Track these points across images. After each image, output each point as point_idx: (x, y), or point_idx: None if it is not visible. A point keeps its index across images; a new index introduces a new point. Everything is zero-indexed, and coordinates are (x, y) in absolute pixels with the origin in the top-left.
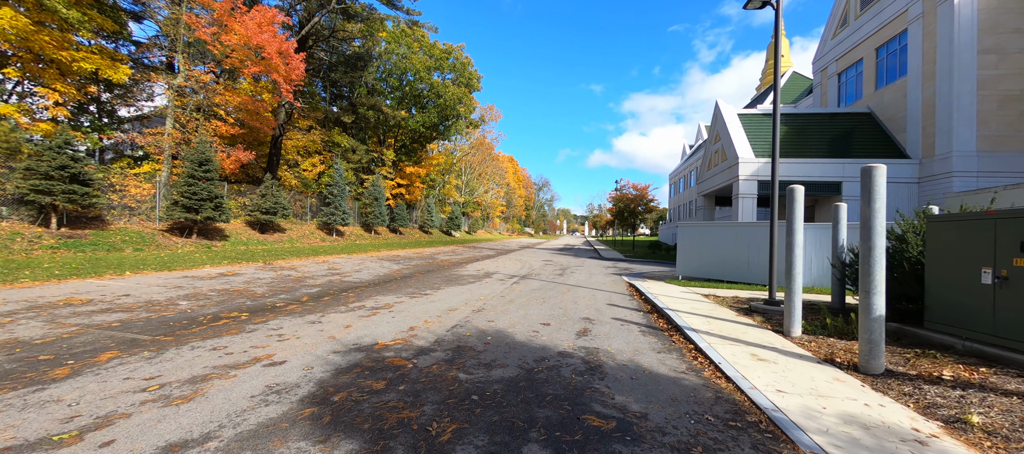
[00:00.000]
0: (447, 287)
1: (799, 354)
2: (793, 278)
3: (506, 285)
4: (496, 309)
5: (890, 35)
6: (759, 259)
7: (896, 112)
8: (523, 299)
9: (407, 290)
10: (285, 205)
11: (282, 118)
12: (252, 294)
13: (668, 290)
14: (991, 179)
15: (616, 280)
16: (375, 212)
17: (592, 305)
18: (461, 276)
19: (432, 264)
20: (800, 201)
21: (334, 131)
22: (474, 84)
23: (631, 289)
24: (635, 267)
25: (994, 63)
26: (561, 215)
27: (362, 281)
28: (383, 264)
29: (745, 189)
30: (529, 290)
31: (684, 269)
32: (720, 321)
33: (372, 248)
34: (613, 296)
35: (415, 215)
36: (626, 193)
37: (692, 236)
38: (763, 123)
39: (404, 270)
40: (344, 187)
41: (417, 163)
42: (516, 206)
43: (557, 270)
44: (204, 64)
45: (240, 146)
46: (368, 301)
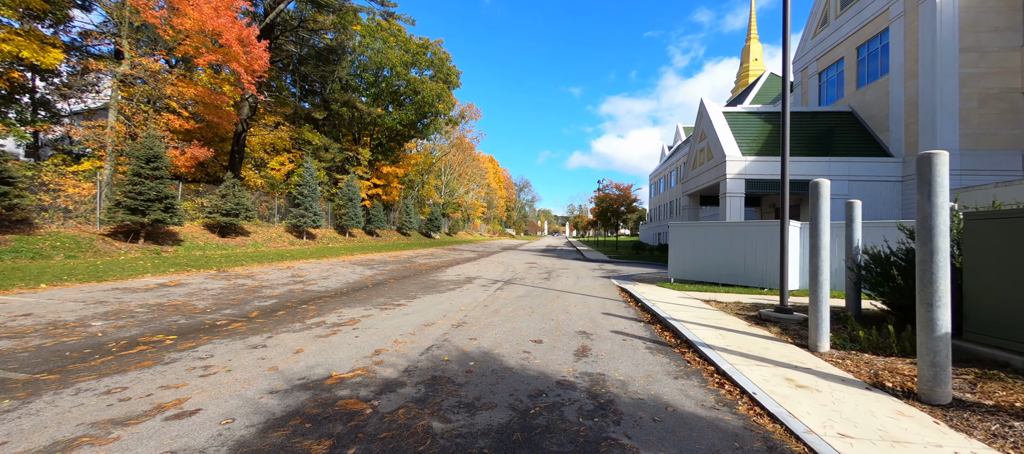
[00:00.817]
0: (424, 295)
1: (839, 377)
2: (819, 285)
3: (489, 292)
4: (479, 322)
5: (871, 34)
6: (755, 261)
7: (878, 111)
8: (509, 309)
9: (378, 300)
10: (249, 206)
11: (246, 113)
12: (190, 309)
13: (664, 295)
14: (974, 177)
15: (606, 284)
16: (349, 213)
17: (586, 315)
18: (440, 282)
19: (409, 268)
20: (826, 198)
21: (304, 128)
22: (453, 80)
23: (624, 294)
24: (622, 269)
25: (975, 61)
26: (542, 216)
27: (328, 290)
28: (355, 269)
29: (732, 188)
30: (514, 297)
31: (676, 271)
32: (733, 333)
33: (345, 252)
34: (606, 303)
35: (393, 216)
36: (608, 193)
37: (684, 237)
38: (749, 121)
39: (378, 276)
40: (315, 187)
41: (394, 162)
42: (497, 207)
43: (542, 273)
44: (155, 51)
45: (197, 142)
46: (330, 315)
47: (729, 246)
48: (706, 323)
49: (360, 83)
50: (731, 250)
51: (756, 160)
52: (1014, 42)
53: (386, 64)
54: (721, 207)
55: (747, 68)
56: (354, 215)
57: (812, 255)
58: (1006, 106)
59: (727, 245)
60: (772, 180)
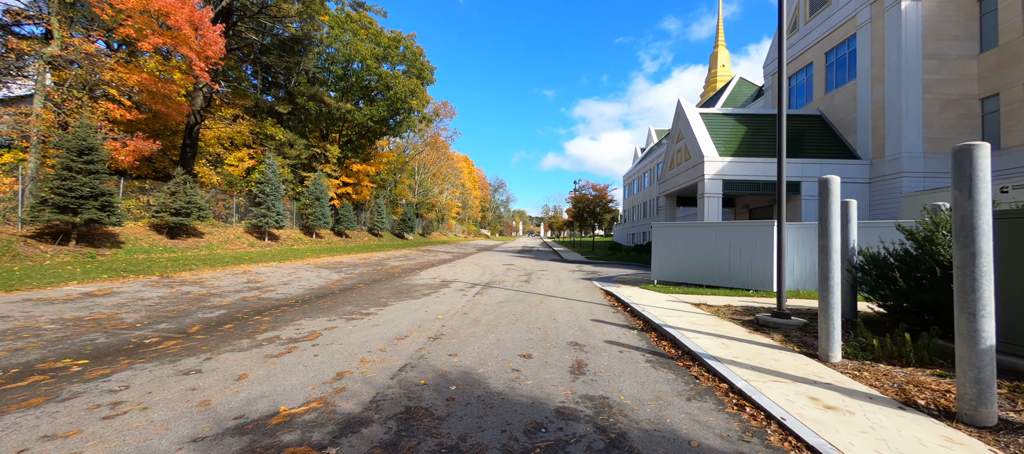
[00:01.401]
0: (397, 302)
1: (865, 394)
2: (830, 290)
3: (468, 297)
4: (459, 333)
5: (839, 40)
6: (741, 262)
7: (846, 114)
8: (491, 316)
9: (345, 309)
10: (202, 205)
11: (199, 104)
12: (116, 325)
13: (651, 298)
14: (936, 179)
15: (589, 287)
16: (317, 213)
17: (574, 322)
18: (414, 287)
19: (380, 271)
20: (836, 195)
21: (267, 122)
22: (427, 76)
23: (610, 298)
24: (602, 270)
25: (936, 68)
26: (517, 216)
27: (287, 298)
28: (320, 273)
29: (710, 188)
30: (495, 303)
31: (659, 272)
32: (736, 342)
33: (311, 253)
34: (593, 308)
35: (364, 217)
36: (585, 194)
37: (668, 237)
38: (724, 123)
39: (345, 280)
40: (279, 185)
41: (365, 160)
42: (472, 207)
43: (521, 275)
44: (91, 32)
45: (141, 134)
46: (287, 328)
47: (714, 247)
48: (703, 330)
49: (328, 77)
50: (716, 251)
51: (733, 161)
52: (971, 50)
53: (356, 57)
54: (699, 207)
55: (715, 73)
56: (322, 215)
57: (821, 257)
58: (965, 111)
59: (712, 246)
60: (750, 181)
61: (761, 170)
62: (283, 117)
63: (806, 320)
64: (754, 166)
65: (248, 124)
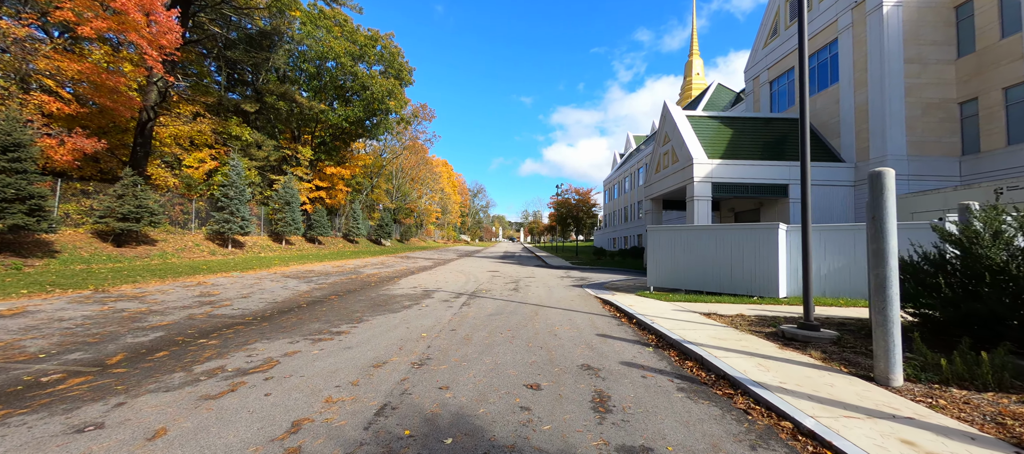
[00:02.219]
0: (373, 317)
1: (965, 434)
2: (887, 301)
3: (453, 309)
4: (449, 356)
5: (821, 44)
6: (743, 267)
7: (829, 118)
8: (483, 333)
9: (311, 326)
10: (155, 210)
11: (154, 99)
12: (11, 356)
13: (654, 307)
14: (920, 182)
15: (582, 295)
16: (287, 219)
17: (578, 338)
18: (393, 298)
19: (355, 281)
20: (891, 190)
21: (232, 121)
22: (405, 77)
23: (609, 308)
24: (590, 276)
25: (917, 72)
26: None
27: (244, 314)
28: (287, 284)
29: (700, 191)
30: (486, 316)
31: (656, 279)
32: (773, 362)
33: (278, 262)
34: (595, 320)
35: (338, 222)
36: (568, 198)
37: (664, 242)
38: (711, 126)
39: (315, 292)
40: (244, 188)
41: (340, 163)
42: (451, 213)
43: (509, 283)
44: (21, 15)
45: (81, 130)
46: (236, 355)
47: (715, 251)
48: (726, 345)
49: (300, 75)
50: (717, 256)
51: (723, 163)
52: (950, 55)
53: (330, 55)
54: (688, 211)
55: (690, 81)
56: (292, 220)
57: (876, 262)
58: (945, 115)
59: (712, 250)
60: (739, 183)
61: (750, 173)
62: (250, 116)
63: (837, 332)
64: (743, 169)
65: (210, 123)
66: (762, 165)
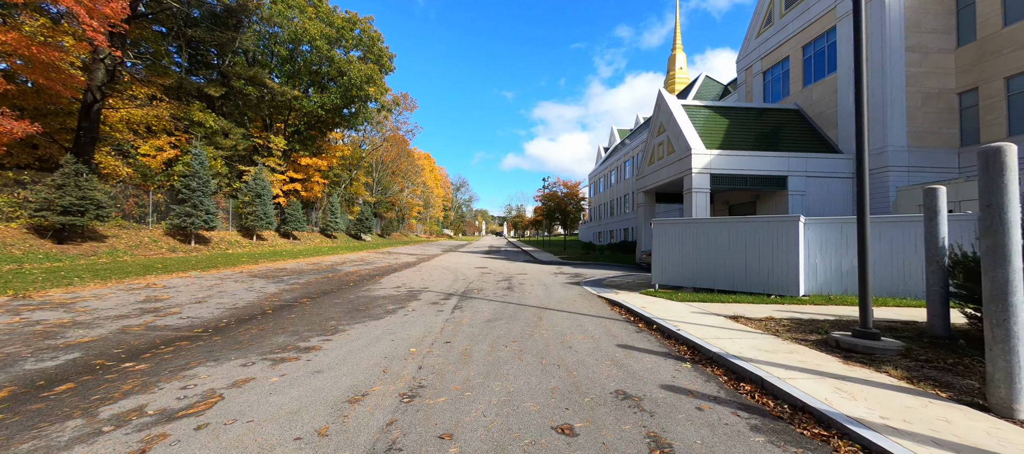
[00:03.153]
0: (351, 325)
1: None
2: (1012, 311)
3: (444, 314)
4: (447, 383)
5: (817, 33)
6: (759, 263)
7: (826, 108)
8: (484, 346)
9: (274, 340)
10: (104, 202)
11: (101, 78)
12: None
13: (669, 309)
14: (920, 174)
15: (584, 294)
16: (257, 213)
17: (597, 350)
18: (374, 300)
19: (332, 280)
20: (1013, 170)
21: (194, 106)
22: (385, 63)
23: (618, 310)
24: (585, 272)
25: (918, 61)
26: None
27: (193, 325)
28: (253, 285)
29: (698, 183)
30: (482, 322)
31: (661, 275)
32: (850, 384)
33: (247, 259)
34: (608, 326)
35: (315, 216)
36: (555, 192)
37: (671, 236)
38: (706, 116)
39: (285, 294)
40: (208, 179)
41: (316, 154)
42: (434, 206)
43: (501, 281)
44: None
45: (8, 111)
46: (165, 389)
47: (727, 246)
48: (779, 360)
49: (271, 58)
50: (730, 251)
51: (722, 154)
52: (949, 44)
53: (304, 38)
54: (685, 203)
55: (673, 75)
56: (263, 214)
57: (993, 262)
58: (944, 106)
59: (724, 245)
60: (737, 175)
61: (749, 164)
62: (215, 102)
63: (903, 342)
64: (742, 160)
65: (169, 107)
66: (761, 156)
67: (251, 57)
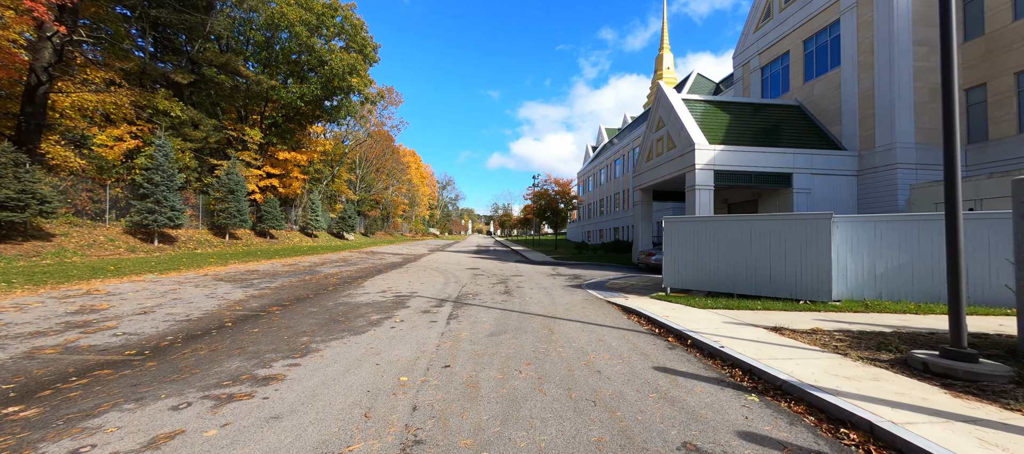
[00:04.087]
0: (326, 342)
1: None
2: None
3: (439, 326)
4: (452, 433)
5: (819, 26)
6: (785, 265)
7: (829, 104)
8: (493, 374)
9: (224, 368)
10: (48, 196)
11: (48, 58)
12: None
13: (698, 319)
14: (928, 172)
15: (590, 299)
16: (230, 209)
17: (635, 377)
18: (356, 309)
19: (309, 284)
20: None
21: (160, 94)
22: (369, 53)
23: (637, 319)
24: (583, 273)
25: (925, 55)
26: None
27: (126, 345)
28: (215, 290)
29: (701, 180)
30: (485, 337)
31: (674, 278)
32: (984, 429)
33: (216, 260)
34: (633, 340)
35: (294, 214)
36: (546, 189)
37: (684, 235)
38: (707, 111)
39: (251, 300)
40: (174, 172)
41: (295, 148)
42: (420, 205)
43: (496, 283)
44: None
45: None
46: (53, 448)
47: (749, 247)
48: (869, 391)
49: (247, 45)
50: (752, 252)
51: (727, 149)
52: (957, 38)
53: (282, 23)
54: (688, 201)
55: (660, 75)
56: (237, 211)
57: None
58: None
59: (746, 246)
60: (742, 171)
61: (754, 160)
62: (183, 90)
63: (1006, 364)
64: (748, 156)
65: (130, 94)
66: (765, 152)
67: (224, 43)
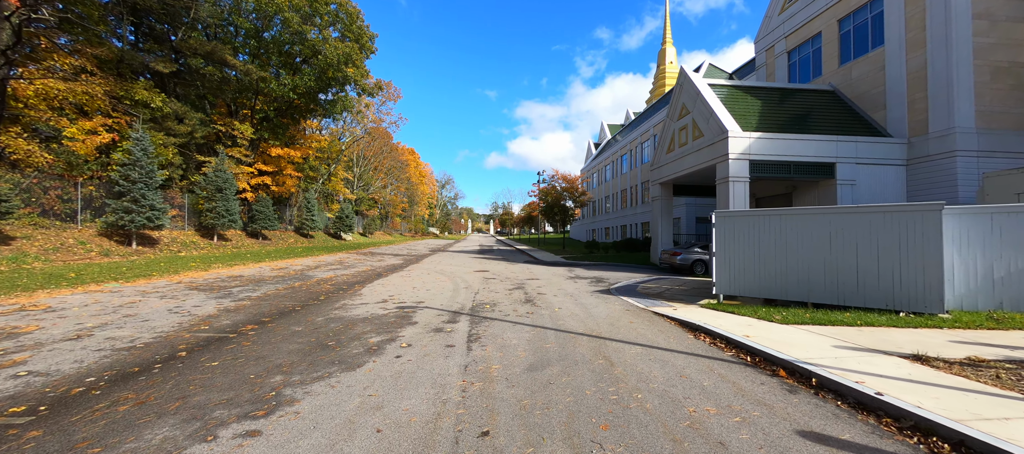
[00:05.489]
0: (307, 388)
1: None
2: None
3: (459, 355)
4: None
5: (857, 4)
6: (878, 268)
7: (870, 87)
8: (558, 447)
9: (140, 445)
10: (6, 195)
11: (5, 39)
12: None
13: (792, 340)
14: (989, 160)
15: (634, 311)
16: (219, 209)
17: (767, 445)
18: (351, 327)
19: (298, 292)
20: None
21: (138, 85)
22: (366, 43)
23: (710, 340)
24: (605, 275)
25: (985, 30)
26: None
27: (18, 394)
28: (183, 302)
29: (736, 171)
30: (523, 373)
31: (728, 283)
32: None
33: (197, 264)
34: (733, 377)
35: (289, 214)
36: (553, 186)
37: (742, 233)
38: (735, 96)
39: (223, 316)
40: (153, 169)
41: (289, 144)
42: (419, 204)
43: (513, 290)
44: None
45: None
46: None
47: (829, 245)
48: None
49: (235, 34)
50: (833, 252)
51: (763, 137)
52: (1019, 12)
53: (271, 8)
54: (719, 195)
55: (664, 70)
56: (226, 211)
57: None
58: (1015, 82)
59: (824, 244)
60: (781, 162)
61: (793, 148)
62: (167, 81)
63: None
64: (784, 144)
65: (103, 83)
66: (807, 140)
67: (211, 32)
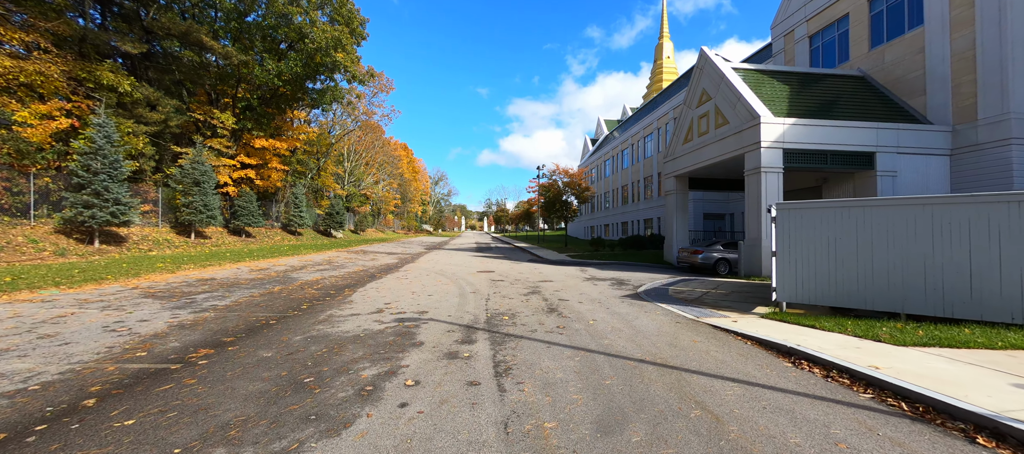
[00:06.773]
0: None
1: None
2: None
3: (489, 402)
4: None
5: None
6: (989, 272)
7: (907, 72)
8: None
9: None
10: None
11: None
12: None
13: (934, 371)
14: None
15: (688, 325)
16: (196, 204)
17: None
18: (337, 353)
19: (276, 299)
20: None
21: (103, 67)
22: (356, 28)
23: (826, 373)
24: (623, 276)
25: None
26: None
27: None
28: (131, 314)
29: (769, 160)
30: (592, 435)
31: (793, 289)
32: None
33: (166, 265)
34: (894, 435)
35: (276, 210)
36: (554, 181)
37: (810, 227)
38: (760, 81)
39: (173, 335)
40: (119, 159)
41: (274, 135)
42: (412, 200)
43: (530, 295)
44: None
45: None
46: None
47: (931, 243)
48: None
49: (214, 14)
50: (936, 251)
51: (798, 124)
52: None
53: None
54: (749, 188)
55: (660, 65)
56: (204, 207)
57: None
58: None
59: (925, 241)
60: (818, 151)
61: (830, 137)
62: (136, 62)
63: None
64: (820, 131)
65: (61, 62)
66: (844, 127)
67: (187, 13)
